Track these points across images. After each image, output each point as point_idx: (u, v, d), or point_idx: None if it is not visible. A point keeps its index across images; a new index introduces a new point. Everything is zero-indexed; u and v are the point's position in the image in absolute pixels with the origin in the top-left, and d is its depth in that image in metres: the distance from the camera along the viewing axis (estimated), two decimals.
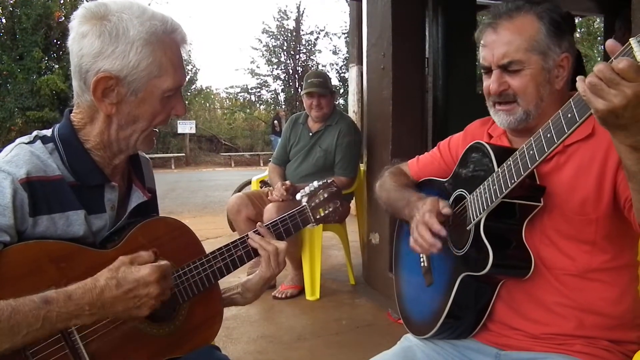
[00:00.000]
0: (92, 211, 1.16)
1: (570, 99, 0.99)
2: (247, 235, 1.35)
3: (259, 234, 1.34)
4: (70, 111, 1.20)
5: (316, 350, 2.78)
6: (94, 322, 1.06)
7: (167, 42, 1.13)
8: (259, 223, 1.39)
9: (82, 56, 1.09)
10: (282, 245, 1.34)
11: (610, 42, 0.88)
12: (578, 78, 0.92)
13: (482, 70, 1.35)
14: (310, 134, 3.80)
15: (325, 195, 1.45)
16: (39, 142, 1.14)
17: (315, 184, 1.47)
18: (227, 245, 1.30)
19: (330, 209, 1.46)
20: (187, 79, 1.25)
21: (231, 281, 1.49)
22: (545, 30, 1.25)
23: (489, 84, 1.30)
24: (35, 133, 1.17)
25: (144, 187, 1.29)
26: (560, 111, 1.03)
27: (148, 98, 1.13)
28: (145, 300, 1.05)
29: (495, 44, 1.28)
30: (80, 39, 1.09)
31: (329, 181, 1.49)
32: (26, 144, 1.13)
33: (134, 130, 1.16)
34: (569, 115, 1.00)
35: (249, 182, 4.76)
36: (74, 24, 1.11)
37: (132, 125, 1.15)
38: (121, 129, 1.15)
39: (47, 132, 1.18)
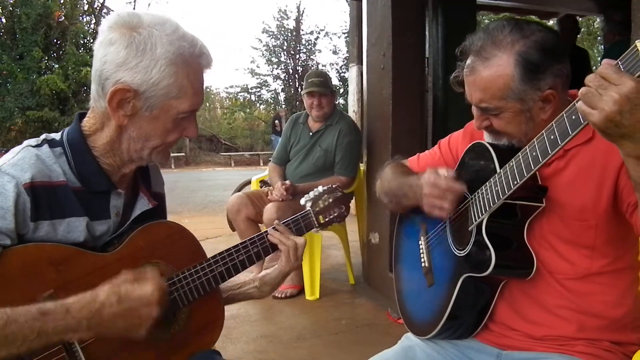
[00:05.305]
0: (96, 217, 1.15)
1: (575, 101, 0.98)
2: (256, 236, 1.33)
3: (277, 231, 1.34)
4: (81, 115, 1.19)
5: (316, 350, 2.77)
6: (92, 337, 1.04)
7: (192, 65, 1.12)
8: (276, 221, 1.37)
9: (105, 62, 1.08)
10: (301, 240, 1.34)
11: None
12: (576, 100, 0.95)
13: None
14: (311, 133, 3.79)
15: (330, 200, 1.43)
16: (46, 146, 1.13)
17: (320, 188, 1.44)
18: (229, 249, 1.29)
19: (335, 214, 1.43)
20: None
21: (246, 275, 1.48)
22: (519, 77, 1.17)
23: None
24: (44, 136, 1.16)
25: (149, 194, 1.28)
26: (564, 113, 1.02)
27: (162, 116, 1.12)
28: (145, 320, 1.05)
29: (471, 87, 1.24)
30: (107, 45, 1.08)
31: (334, 186, 1.46)
32: (33, 147, 1.12)
33: (144, 145, 1.15)
34: (573, 117, 0.99)
35: (248, 182, 4.75)
36: (104, 28, 1.10)
37: (143, 141, 1.14)
38: (132, 141, 1.14)
39: (56, 136, 1.16)
